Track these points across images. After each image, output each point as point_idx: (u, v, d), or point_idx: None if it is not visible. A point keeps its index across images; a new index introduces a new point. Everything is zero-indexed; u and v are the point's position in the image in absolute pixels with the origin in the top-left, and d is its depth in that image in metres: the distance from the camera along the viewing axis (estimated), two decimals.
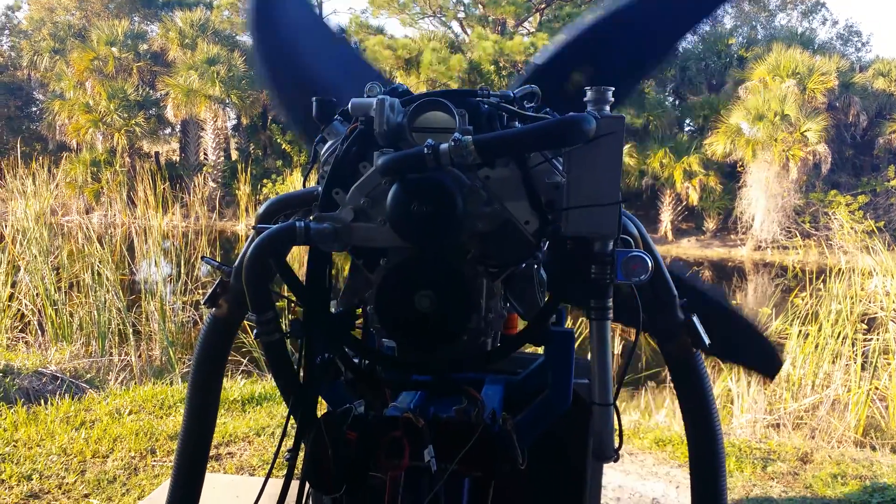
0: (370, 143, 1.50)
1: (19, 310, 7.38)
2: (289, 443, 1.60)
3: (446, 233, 1.42)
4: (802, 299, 7.67)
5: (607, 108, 1.42)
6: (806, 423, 6.06)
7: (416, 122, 1.48)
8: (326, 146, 1.66)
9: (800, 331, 6.99)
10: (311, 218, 1.49)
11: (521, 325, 1.76)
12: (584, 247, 1.48)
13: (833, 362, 6.79)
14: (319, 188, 1.56)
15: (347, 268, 1.65)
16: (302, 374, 1.58)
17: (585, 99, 1.43)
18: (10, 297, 7.30)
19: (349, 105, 1.55)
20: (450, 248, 1.48)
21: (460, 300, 1.47)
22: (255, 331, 1.55)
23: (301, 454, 1.56)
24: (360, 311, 1.65)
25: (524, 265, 1.62)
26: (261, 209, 1.69)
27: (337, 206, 1.50)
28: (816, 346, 6.79)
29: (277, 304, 1.63)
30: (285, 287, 1.60)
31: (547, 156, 1.48)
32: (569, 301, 1.85)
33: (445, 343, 1.51)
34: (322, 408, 1.62)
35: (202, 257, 2.04)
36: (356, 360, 1.65)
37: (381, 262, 1.53)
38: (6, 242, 7.86)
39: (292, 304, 1.60)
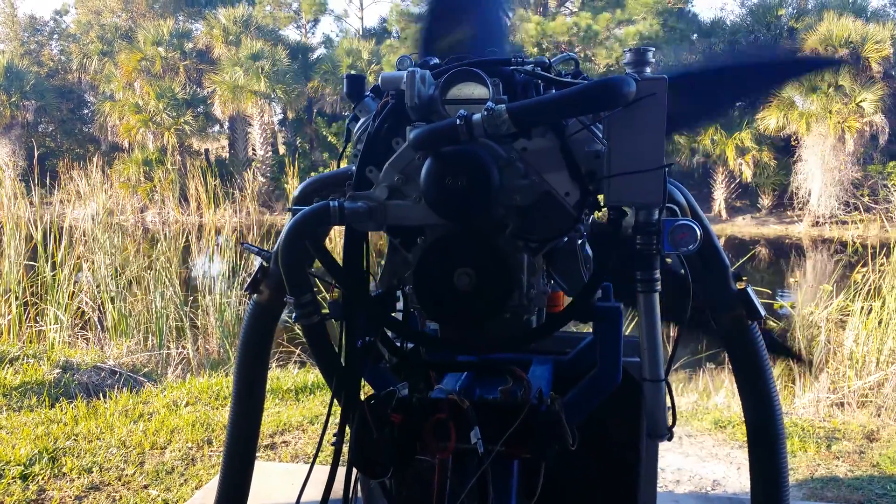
0: (402, 118, 1.46)
1: (79, 307, 7.55)
2: (335, 428, 1.58)
3: (482, 207, 1.37)
4: (863, 275, 7.41)
5: (648, 69, 1.35)
6: (871, 401, 5.86)
7: (448, 93, 1.43)
8: (359, 124, 1.63)
9: (862, 306, 6.76)
10: (345, 198, 1.47)
11: (566, 302, 1.71)
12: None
13: None
14: (354, 167, 1.53)
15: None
16: (343, 356, 1.56)
17: (624, 61, 1.37)
18: (71, 296, 7.46)
19: (379, 79, 1.51)
20: (487, 224, 1.43)
21: (500, 277, 1.42)
22: (293, 314, 1.54)
23: (347, 438, 1.53)
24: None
25: (566, 239, 1.56)
26: (296, 191, 1.67)
27: (371, 185, 1.47)
28: (880, 322, 6.55)
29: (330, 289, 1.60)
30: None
31: (585, 122, 1.42)
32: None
33: (487, 322, 1.47)
34: (367, 391, 1.60)
35: (241, 243, 2.03)
36: (398, 342, 1.62)
37: (418, 240, 1.49)
38: (74, 243, 8.02)
39: (332, 287, 1.58)
